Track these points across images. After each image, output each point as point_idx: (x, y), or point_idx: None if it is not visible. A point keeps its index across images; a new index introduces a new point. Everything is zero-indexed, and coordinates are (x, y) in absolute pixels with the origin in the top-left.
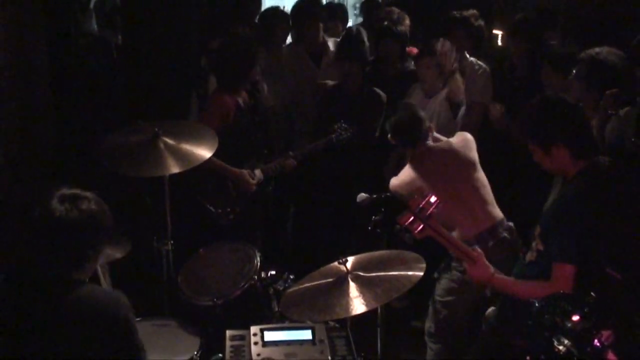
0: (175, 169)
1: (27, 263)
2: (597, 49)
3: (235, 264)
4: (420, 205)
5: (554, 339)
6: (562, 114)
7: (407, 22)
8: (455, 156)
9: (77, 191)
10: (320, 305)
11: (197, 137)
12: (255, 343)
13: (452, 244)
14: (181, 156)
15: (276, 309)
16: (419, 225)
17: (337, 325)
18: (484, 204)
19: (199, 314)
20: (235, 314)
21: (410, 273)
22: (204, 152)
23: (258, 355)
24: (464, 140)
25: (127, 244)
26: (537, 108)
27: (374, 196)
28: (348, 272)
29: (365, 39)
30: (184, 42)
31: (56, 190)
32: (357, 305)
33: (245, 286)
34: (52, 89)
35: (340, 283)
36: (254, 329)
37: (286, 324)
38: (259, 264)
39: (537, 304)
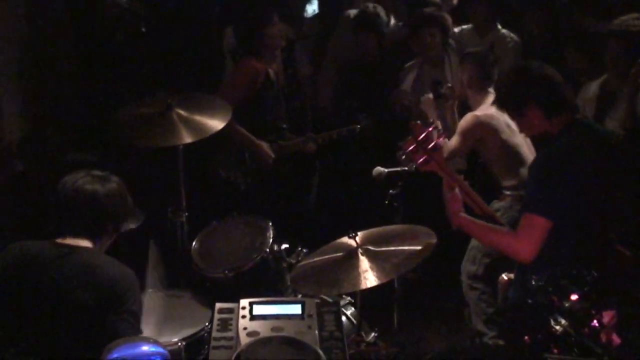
0: (188, 139)
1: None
2: (623, 18)
3: (248, 236)
4: (424, 134)
5: (550, 319)
6: (530, 76)
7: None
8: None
9: (106, 174)
10: (329, 280)
11: (210, 109)
12: (243, 316)
13: (452, 176)
14: (194, 127)
15: (288, 282)
16: (422, 156)
17: (335, 300)
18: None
19: (212, 286)
20: (248, 287)
21: (419, 247)
22: (217, 123)
23: (244, 328)
24: None
25: (141, 215)
26: (507, 74)
27: (391, 170)
28: (358, 246)
29: (383, 14)
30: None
31: (88, 170)
32: (365, 279)
33: (257, 259)
34: (77, 60)
35: (350, 257)
36: (243, 302)
37: (277, 298)
38: (271, 237)
39: (534, 282)
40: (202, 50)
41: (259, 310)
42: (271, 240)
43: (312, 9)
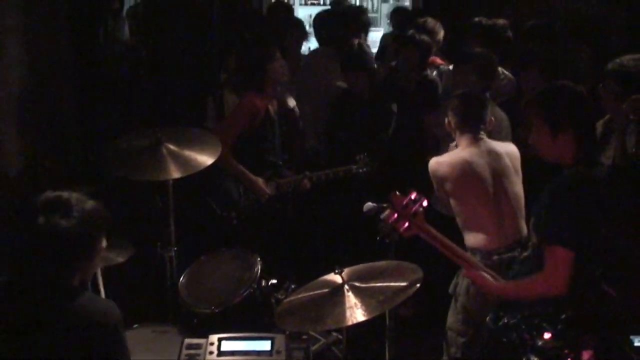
0: (176, 174)
1: (20, 270)
2: (618, 59)
3: (235, 271)
4: (404, 203)
5: (523, 357)
6: (577, 102)
7: (441, 33)
8: (503, 159)
9: (61, 198)
10: (313, 316)
11: (200, 144)
12: (211, 352)
13: (445, 246)
14: (183, 162)
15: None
16: (404, 223)
17: (307, 337)
18: (514, 217)
19: (200, 321)
20: (235, 322)
21: (405, 284)
22: (206, 159)
23: None
24: (513, 148)
25: (130, 249)
26: (553, 92)
27: (382, 205)
28: (344, 282)
29: (367, 50)
30: (204, 53)
31: (40, 197)
32: (351, 316)
33: (244, 294)
34: (77, 95)
35: (335, 293)
36: (212, 337)
37: (246, 334)
38: (259, 272)
39: (506, 320)
40: (199, 83)
41: (227, 346)
42: (259, 275)
43: (307, 45)
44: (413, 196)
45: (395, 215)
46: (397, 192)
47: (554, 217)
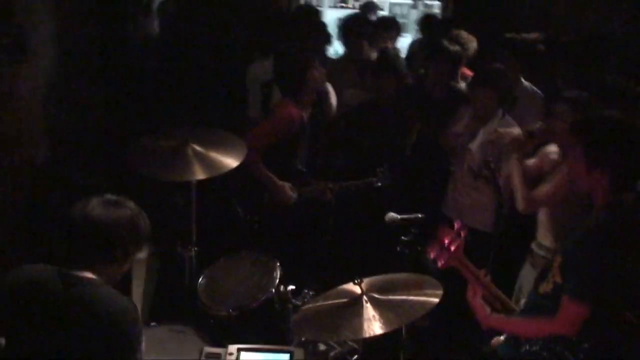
0: (201, 175)
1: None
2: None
3: (254, 275)
4: (449, 240)
5: None
6: (629, 142)
7: (473, 47)
8: None
9: (120, 198)
10: (330, 325)
11: (225, 146)
12: None
13: (470, 272)
14: (208, 163)
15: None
16: (445, 258)
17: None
18: None
19: (216, 323)
20: (252, 327)
21: (424, 299)
22: (231, 161)
23: None
24: None
25: (150, 246)
26: (600, 123)
27: (405, 216)
28: (363, 293)
29: (401, 56)
30: (231, 54)
31: (101, 194)
32: (368, 328)
33: (262, 299)
34: (104, 91)
35: (354, 304)
36: (231, 348)
37: (265, 346)
38: (278, 277)
39: (527, 347)
40: (228, 83)
41: (246, 357)
42: (278, 280)
43: (334, 50)
44: (457, 226)
45: (439, 250)
46: (445, 226)
47: (581, 271)
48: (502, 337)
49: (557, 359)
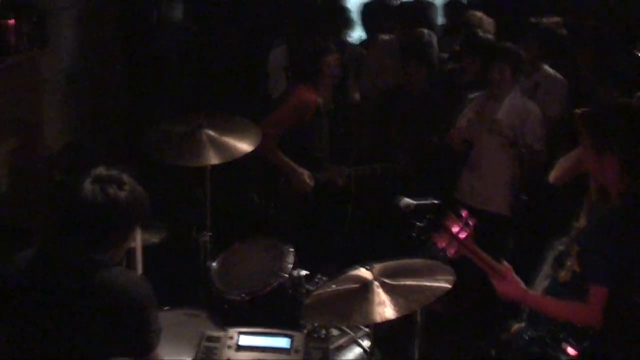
0: (215, 160)
1: (53, 242)
2: None
3: (268, 260)
4: (457, 229)
5: None
6: (632, 122)
7: (490, 27)
8: None
9: (113, 173)
10: (341, 310)
11: (239, 131)
12: (229, 346)
13: (482, 259)
14: (222, 148)
15: None
16: (455, 247)
17: (325, 336)
18: None
19: (229, 307)
20: (264, 311)
21: (435, 284)
22: (246, 146)
23: (228, 359)
24: None
25: (164, 230)
26: (606, 108)
27: (419, 202)
28: (374, 278)
29: (435, 43)
30: (251, 42)
31: (95, 170)
32: (378, 313)
33: (275, 284)
34: (126, 77)
35: (364, 289)
36: (232, 331)
37: (266, 330)
38: (291, 262)
39: (530, 333)
40: (247, 69)
41: (246, 341)
42: (291, 266)
43: (357, 34)
44: (464, 214)
45: (448, 239)
46: (453, 215)
47: (603, 257)
48: (523, 324)
49: (561, 345)
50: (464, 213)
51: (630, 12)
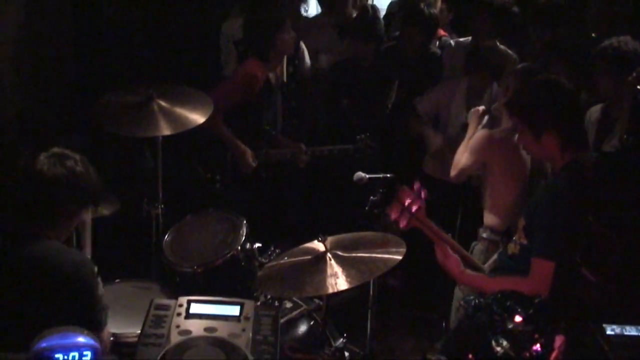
0: (166, 131)
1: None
2: (607, 42)
3: (220, 233)
4: (409, 200)
5: (492, 339)
6: (561, 100)
7: (439, 4)
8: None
9: (67, 151)
10: (294, 282)
11: (191, 102)
12: (179, 314)
13: (433, 231)
14: (174, 119)
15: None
16: (406, 219)
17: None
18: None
19: (182, 280)
20: (217, 284)
21: (387, 256)
22: (197, 118)
23: (177, 326)
24: None
25: (116, 202)
26: (536, 89)
27: (372, 176)
28: (327, 250)
29: (381, 17)
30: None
31: (48, 148)
32: (330, 284)
33: (228, 256)
34: (76, 48)
35: (317, 261)
36: (181, 299)
37: (216, 298)
38: (244, 235)
39: (478, 301)
40: (199, 41)
41: (195, 309)
42: (244, 238)
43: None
44: (416, 187)
45: (400, 211)
46: (405, 188)
47: (546, 231)
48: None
49: (507, 312)
50: (416, 185)
51: None
